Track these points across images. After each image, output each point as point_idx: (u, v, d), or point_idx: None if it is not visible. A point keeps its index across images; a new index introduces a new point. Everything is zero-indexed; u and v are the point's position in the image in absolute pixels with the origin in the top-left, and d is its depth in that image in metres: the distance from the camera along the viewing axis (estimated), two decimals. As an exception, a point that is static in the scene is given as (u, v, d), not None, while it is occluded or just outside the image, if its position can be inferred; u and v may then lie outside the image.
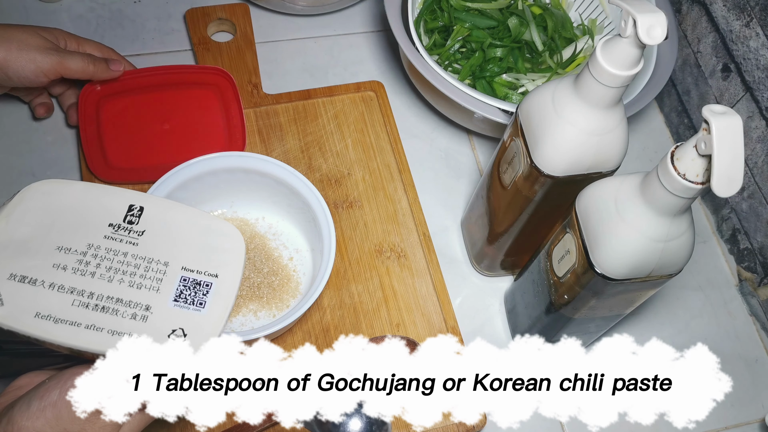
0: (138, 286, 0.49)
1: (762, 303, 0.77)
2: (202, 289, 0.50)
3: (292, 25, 0.87)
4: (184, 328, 0.48)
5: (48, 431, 0.45)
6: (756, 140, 0.74)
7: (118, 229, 0.50)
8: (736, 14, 0.74)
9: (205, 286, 0.50)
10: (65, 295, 0.47)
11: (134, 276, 0.49)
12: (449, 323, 0.70)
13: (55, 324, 0.46)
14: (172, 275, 0.50)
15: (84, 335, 0.46)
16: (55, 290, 0.47)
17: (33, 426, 0.45)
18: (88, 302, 0.47)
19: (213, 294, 0.50)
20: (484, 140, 0.83)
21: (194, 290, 0.50)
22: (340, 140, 0.78)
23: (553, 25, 0.80)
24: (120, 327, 0.47)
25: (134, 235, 0.50)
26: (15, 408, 0.46)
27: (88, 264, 0.48)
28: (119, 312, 0.47)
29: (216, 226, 0.53)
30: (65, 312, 0.46)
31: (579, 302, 0.58)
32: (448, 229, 0.78)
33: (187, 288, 0.50)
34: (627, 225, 0.51)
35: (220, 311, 0.50)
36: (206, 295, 0.50)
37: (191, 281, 0.50)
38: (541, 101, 0.56)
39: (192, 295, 0.49)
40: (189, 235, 0.51)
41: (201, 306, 0.49)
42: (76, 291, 0.47)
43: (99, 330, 0.47)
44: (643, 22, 0.46)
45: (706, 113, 0.42)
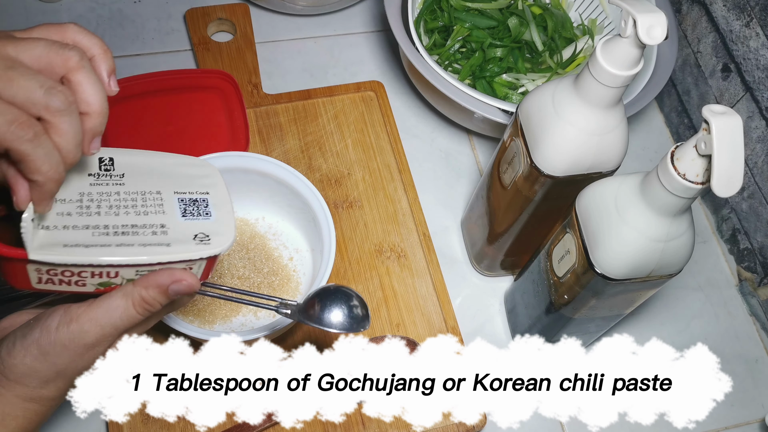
0: (144, 213, 0.49)
1: (762, 303, 0.77)
2: (201, 204, 0.51)
3: (292, 25, 0.87)
4: (203, 233, 0.49)
5: (38, 366, 0.45)
6: (756, 140, 0.74)
7: (98, 176, 0.50)
8: (736, 14, 0.74)
9: (202, 202, 0.51)
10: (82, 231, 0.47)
11: (135, 207, 0.49)
12: (449, 323, 0.70)
13: (86, 248, 0.45)
14: (169, 200, 0.51)
15: (118, 251, 0.46)
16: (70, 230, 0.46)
17: (22, 363, 0.45)
18: (107, 231, 0.47)
19: (213, 206, 0.51)
20: (484, 140, 0.83)
21: (195, 205, 0.51)
22: (340, 140, 0.78)
23: (553, 25, 0.80)
24: (147, 241, 0.47)
25: (116, 178, 0.51)
26: (1, 348, 0.45)
27: (88, 207, 0.48)
28: (139, 233, 0.47)
29: (185, 161, 0.54)
30: (90, 240, 0.46)
31: (579, 302, 0.58)
32: (448, 229, 0.78)
33: (188, 205, 0.51)
34: (627, 225, 0.51)
35: (227, 216, 0.51)
36: (208, 207, 0.51)
37: (188, 200, 0.51)
38: (541, 101, 0.56)
39: (196, 209, 0.51)
40: (165, 171, 0.52)
41: (208, 215, 0.50)
42: (91, 227, 0.47)
43: (130, 245, 0.46)
44: (643, 22, 0.46)
45: (706, 113, 0.42)
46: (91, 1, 0.85)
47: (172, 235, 0.48)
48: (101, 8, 0.85)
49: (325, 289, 0.54)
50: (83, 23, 0.84)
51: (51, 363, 0.45)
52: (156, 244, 0.47)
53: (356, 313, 0.53)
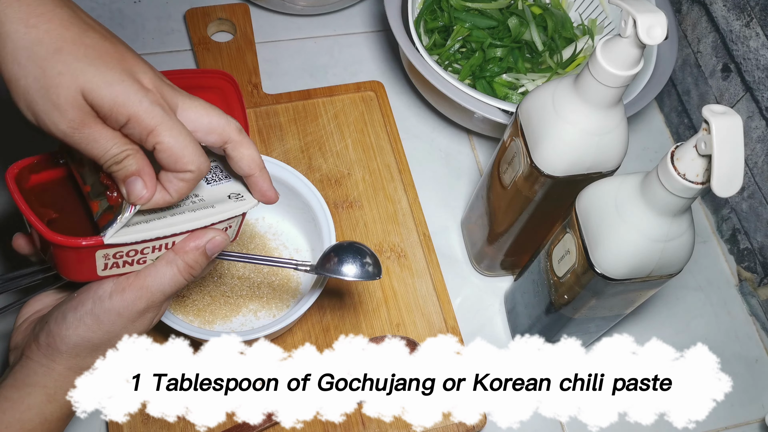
0: None
1: (762, 303, 0.77)
2: (216, 171, 0.53)
3: (292, 25, 0.88)
4: (233, 192, 0.52)
5: (90, 335, 0.48)
6: (756, 140, 0.74)
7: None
8: (736, 14, 0.74)
9: (216, 168, 0.53)
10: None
11: None
12: (449, 323, 0.70)
13: (147, 224, 0.47)
14: None
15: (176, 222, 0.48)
16: None
17: (75, 333, 0.47)
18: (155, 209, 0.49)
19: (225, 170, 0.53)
20: (484, 140, 0.83)
21: (213, 173, 0.53)
22: (340, 140, 0.78)
23: (553, 25, 0.80)
24: (193, 208, 0.50)
25: None
26: (50, 322, 0.48)
27: None
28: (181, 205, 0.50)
29: None
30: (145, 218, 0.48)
31: (579, 302, 0.58)
32: (448, 229, 0.78)
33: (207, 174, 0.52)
34: (627, 225, 0.51)
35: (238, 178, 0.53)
36: (222, 172, 0.53)
37: None
38: (541, 101, 0.56)
39: (215, 176, 0.52)
40: None
41: (228, 178, 0.53)
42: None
43: (181, 214, 0.49)
44: (643, 22, 0.46)
45: (706, 113, 0.42)
46: (91, 1, 0.85)
47: (209, 200, 0.50)
48: (101, 8, 0.85)
49: (339, 244, 0.59)
50: (83, 23, 0.84)
51: (105, 331, 0.48)
52: (202, 208, 0.50)
53: (368, 263, 0.58)
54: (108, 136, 0.43)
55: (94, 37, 0.43)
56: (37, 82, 0.41)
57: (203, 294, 0.66)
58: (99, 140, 0.42)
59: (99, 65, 0.42)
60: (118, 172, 0.44)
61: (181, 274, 0.49)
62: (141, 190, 0.44)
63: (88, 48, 0.42)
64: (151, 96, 0.43)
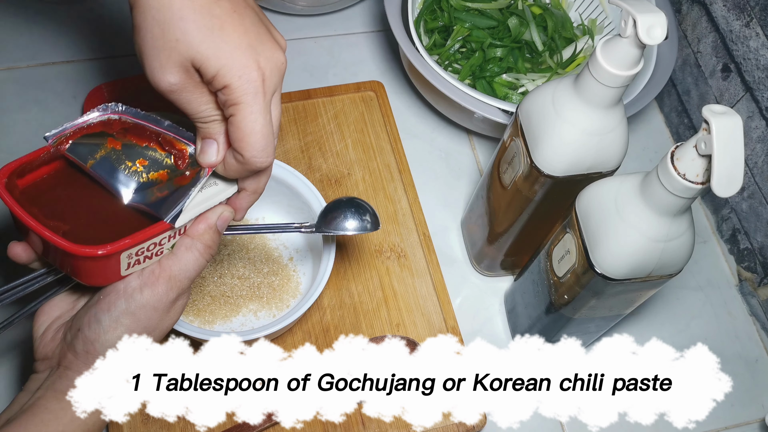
0: None
1: (762, 303, 0.77)
2: None
3: (292, 25, 0.87)
4: None
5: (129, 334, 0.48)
6: (756, 140, 0.74)
7: None
8: (736, 14, 0.74)
9: None
10: None
11: None
12: (449, 323, 0.70)
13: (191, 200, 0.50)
14: None
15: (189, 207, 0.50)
16: None
17: (114, 336, 0.48)
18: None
19: None
20: (484, 140, 0.83)
21: None
22: (340, 140, 0.78)
23: (553, 25, 0.80)
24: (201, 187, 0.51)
25: None
26: (83, 329, 0.48)
27: None
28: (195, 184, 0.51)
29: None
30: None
31: (579, 302, 0.58)
32: (448, 229, 0.78)
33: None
34: (627, 225, 0.51)
35: None
36: None
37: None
38: (541, 101, 0.56)
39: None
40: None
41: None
42: None
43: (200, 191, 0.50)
44: (643, 22, 0.46)
45: (706, 113, 0.42)
46: (91, 1, 0.85)
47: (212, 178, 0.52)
48: (101, 8, 0.85)
49: (338, 200, 0.61)
50: (83, 23, 0.84)
51: (143, 327, 0.49)
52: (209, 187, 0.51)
53: (367, 217, 0.60)
54: (202, 101, 0.46)
55: (225, 7, 0.44)
56: (155, 41, 0.44)
57: (203, 294, 0.66)
58: (192, 103, 0.46)
59: (216, 37, 0.43)
60: (201, 129, 0.47)
61: (203, 255, 0.51)
62: (212, 154, 0.48)
63: (214, 18, 0.44)
64: (254, 74, 0.44)
